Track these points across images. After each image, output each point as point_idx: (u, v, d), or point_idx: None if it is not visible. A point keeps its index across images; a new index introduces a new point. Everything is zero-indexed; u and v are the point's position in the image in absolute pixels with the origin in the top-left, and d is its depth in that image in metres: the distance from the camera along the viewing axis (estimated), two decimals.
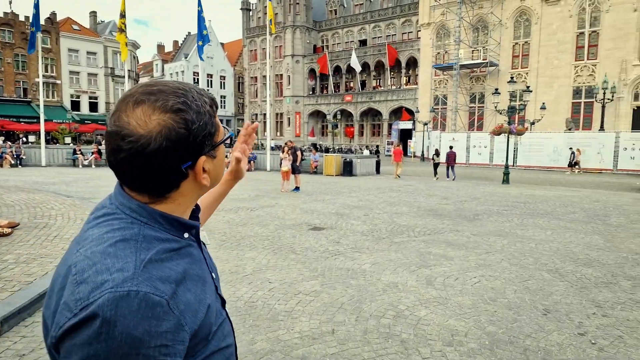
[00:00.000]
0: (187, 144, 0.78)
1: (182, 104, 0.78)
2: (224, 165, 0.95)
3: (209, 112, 0.83)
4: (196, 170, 0.83)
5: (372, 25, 49.83)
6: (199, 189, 0.88)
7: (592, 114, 32.77)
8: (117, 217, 0.80)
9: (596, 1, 32.65)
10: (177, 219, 0.85)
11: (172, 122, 0.77)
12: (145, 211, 0.81)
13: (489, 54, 37.33)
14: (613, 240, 7.90)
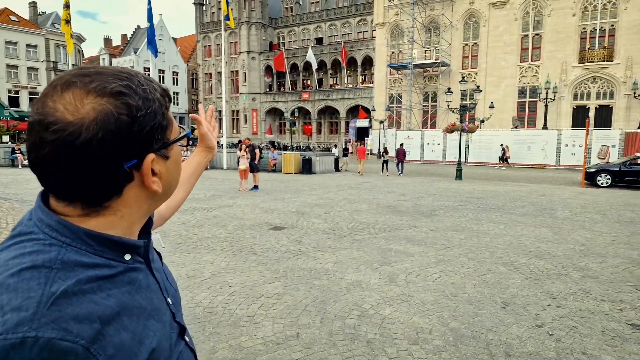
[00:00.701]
0: (130, 136, 0.62)
1: (124, 87, 0.63)
2: (179, 171, 0.78)
3: (159, 100, 0.68)
4: (143, 171, 0.66)
5: (328, 23, 49.99)
6: (148, 197, 0.70)
7: (537, 112, 34.60)
8: (33, 238, 0.63)
9: (539, 5, 34.46)
10: (111, 238, 0.66)
11: (110, 107, 0.61)
12: (68, 229, 0.64)
13: (441, 54, 38.48)
14: (560, 232, 8.31)
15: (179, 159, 0.76)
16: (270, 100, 52.88)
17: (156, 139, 0.67)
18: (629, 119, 30.69)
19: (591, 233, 8.26)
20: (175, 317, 0.77)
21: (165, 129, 0.69)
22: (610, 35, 32.09)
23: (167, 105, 0.71)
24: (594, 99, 32.89)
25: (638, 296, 4.93)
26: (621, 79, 31.36)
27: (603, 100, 32.56)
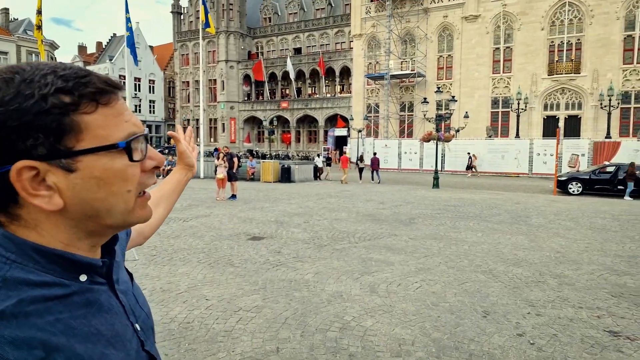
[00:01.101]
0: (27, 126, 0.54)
1: (2, 80, 0.56)
2: (122, 192, 0.63)
3: (44, 96, 0.56)
4: (12, 180, 0.55)
5: (307, 34, 50.28)
6: (61, 214, 0.59)
7: (509, 122, 35.50)
8: None
9: (509, 19, 35.56)
10: (62, 255, 0.59)
11: None
12: (13, 243, 0.57)
13: (417, 65, 39.16)
14: (536, 240, 8.44)
15: (109, 175, 0.61)
16: (248, 108, 52.64)
17: (33, 143, 0.55)
18: (597, 129, 31.82)
19: (565, 240, 8.42)
20: (143, 346, 0.68)
21: (59, 133, 0.56)
22: (577, 49, 33.34)
23: (69, 105, 0.57)
24: (563, 109, 34.00)
25: (614, 303, 5.01)
26: (588, 91, 32.55)
27: (572, 110, 33.70)
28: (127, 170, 0.62)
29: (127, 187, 0.63)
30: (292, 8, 52.26)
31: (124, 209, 0.63)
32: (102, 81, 0.61)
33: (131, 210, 0.64)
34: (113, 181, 0.61)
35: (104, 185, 0.61)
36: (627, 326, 4.34)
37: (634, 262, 6.81)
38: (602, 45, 32.16)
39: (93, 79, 0.61)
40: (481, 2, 36.30)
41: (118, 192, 0.62)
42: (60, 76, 0.58)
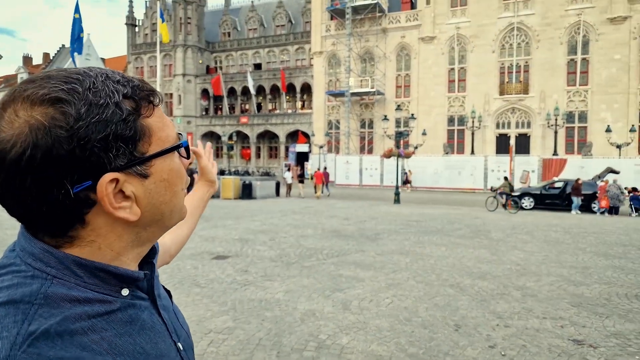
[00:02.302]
0: (70, 153, 0.50)
1: (65, 91, 0.52)
2: (179, 190, 0.62)
3: (118, 104, 0.54)
4: (99, 196, 0.53)
5: (267, 50, 50.47)
6: (128, 225, 0.58)
7: (464, 139, 36.98)
8: (12, 270, 0.54)
9: (462, 42, 37.36)
10: (104, 268, 0.56)
11: (41, 119, 0.50)
12: (54, 257, 0.54)
13: (376, 83, 40.17)
14: (497, 253, 8.73)
15: (173, 175, 0.60)
16: (206, 123, 51.80)
17: (113, 154, 0.53)
18: (545, 147, 33.74)
19: (524, 253, 8.76)
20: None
21: (135, 140, 0.55)
22: (525, 71, 35.45)
23: (141, 111, 0.57)
24: (514, 128, 35.86)
25: (575, 312, 5.22)
26: (536, 110, 34.57)
27: (522, 129, 35.61)
28: (182, 169, 0.63)
29: (182, 185, 0.63)
30: (252, 24, 52.40)
31: (180, 207, 0.64)
32: (146, 83, 0.61)
33: (182, 207, 0.65)
34: (176, 181, 0.61)
35: (169, 187, 0.61)
36: (589, 334, 4.53)
37: (588, 273, 7.17)
38: (548, 68, 34.39)
39: (139, 82, 0.60)
40: (437, 24, 37.96)
41: (178, 192, 0.62)
42: (117, 81, 0.57)
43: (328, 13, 42.05)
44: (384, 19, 40.00)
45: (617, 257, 8.51)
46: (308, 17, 47.44)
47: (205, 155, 1.15)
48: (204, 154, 1.14)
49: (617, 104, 32.52)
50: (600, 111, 33.00)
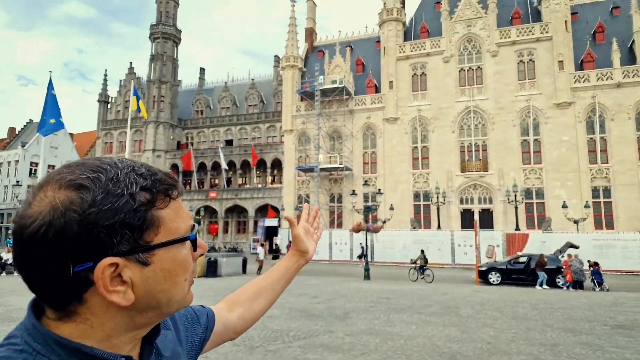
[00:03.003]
0: (78, 235, 0.55)
1: (88, 179, 0.58)
2: (181, 281, 0.65)
3: (133, 195, 0.59)
4: (95, 278, 0.57)
5: (239, 127, 51.95)
6: (121, 308, 0.60)
7: (430, 214, 37.84)
8: (10, 342, 0.59)
9: (424, 123, 39.75)
10: (81, 349, 0.58)
11: (62, 201, 0.57)
12: (40, 334, 0.58)
13: (344, 159, 41.49)
14: (467, 330, 8.57)
15: (176, 266, 0.63)
16: None
17: (119, 240, 0.58)
18: (507, 222, 34.87)
19: (494, 330, 8.64)
20: None
21: (142, 229, 0.60)
22: (484, 150, 37.66)
23: (155, 202, 0.62)
24: (477, 203, 37.17)
25: None
26: (496, 187, 36.21)
27: (484, 204, 36.94)
28: (187, 260, 0.66)
29: (185, 276, 0.66)
30: (224, 103, 54.37)
31: (182, 297, 0.66)
32: (169, 177, 0.66)
33: (184, 297, 0.67)
34: (178, 272, 0.64)
35: (170, 277, 0.63)
36: None
37: (557, 351, 7.09)
38: (504, 147, 36.70)
39: (162, 176, 0.65)
40: (399, 106, 40.51)
41: (179, 282, 0.65)
42: (140, 174, 0.62)
43: (298, 95, 44.32)
44: (351, 101, 42.41)
45: (584, 333, 8.52)
46: (279, 98, 49.80)
47: (307, 221, 1.13)
48: (295, 222, 1.11)
49: (570, 182, 34.58)
50: (554, 188, 34.91)
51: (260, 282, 1.08)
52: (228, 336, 1.00)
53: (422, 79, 40.42)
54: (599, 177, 34.21)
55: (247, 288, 1.09)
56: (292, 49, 45.98)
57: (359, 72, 44.58)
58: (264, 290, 1.07)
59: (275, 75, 54.82)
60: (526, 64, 37.31)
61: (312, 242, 1.17)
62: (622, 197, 33.23)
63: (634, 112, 33.91)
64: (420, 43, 40.64)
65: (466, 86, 38.70)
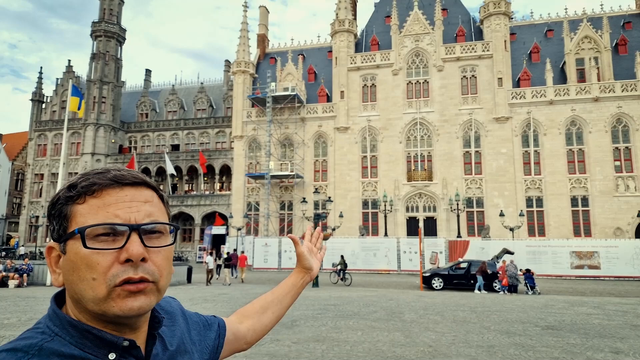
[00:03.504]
0: (49, 215, 0.75)
1: (72, 182, 0.76)
2: (87, 278, 0.69)
3: (63, 192, 0.74)
4: (46, 257, 0.74)
5: (186, 131, 50.45)
6: (69, 295, 0.74)
7: (378, 222, 38.68)
8: (35, 326, 0.71)
9: (373, 133, 40.73)
10: (90, 330, 0.68)
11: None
12: (58, 318, 0.70)
13: (295, 167, 41.51)
14: (410, 335, 8.78)
15: (78, 260, 0.69)
16: None
17: (53, 229, 0.72)
18: (450, 229, 36.35)
19: (435, 334, 8.92)
20: None
21: (60, 220, 0.72)
22: (429, 160, 39.15)
23: (69, 198, 0.72)
24: (422, 211, 38.48)
25: None
26: (440, 196, 37.70)
27: (429, 212, 38.31)
28: (90, 257, 0.68)
29: (91, 275, 0.68)
30: (171, 106, 52.66)
31: (93, 296, 0.69)
32: (108, 177, 0.73)
33: (102, 300, 0.69)
34: (80, 266, 0.69)
35: (74, 270, 0.70)
36: None
37: (493, 352, 7.43)
38: (448, 158, 38.36)
39: (95, 176, 0.73)
40: (350, 116, 41.24)
41: (84, 279, 0.69)
42: (83, 174, 0.75)
43: (249, 100, 43.89)
44: (303, 109, 42.62)
45: (517, 334, 9.01)
46: (229, 103, 49.01)
47: (311, 241, 1.22)
48: (299, 241, 1.21)
49: (507, 192, 36.72)
50: (493, 197, 36.92)
51: (267, 297, 1.16)
52: (240, 346, 1.08)
53: (372, 90, 41.47)
54: (532, 188, 36.61)
55: (255, 303, 1.16)
56: (244, 54, 45.58)
57: (311, 81, 44.96)
58: (271, 304, 1.15)
59: (225, 80, 53.97)
60: (469, 79, 39.37)
61: (315, 260, 1.27)
62: (553, 206, 35.75)
63: (564, 127, 36.73)
64: (371, 55, 41.75)
65: (413, 98, 40.15)
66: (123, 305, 0.69)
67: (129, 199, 0.73)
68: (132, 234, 0.71)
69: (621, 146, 35.55)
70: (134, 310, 0.70)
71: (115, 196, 0.72)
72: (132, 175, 0.76)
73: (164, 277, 0.76)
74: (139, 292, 0.70)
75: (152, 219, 0.75)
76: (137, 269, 0.70)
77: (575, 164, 36.21)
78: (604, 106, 35.99)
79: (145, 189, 0.77)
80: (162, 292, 0.76)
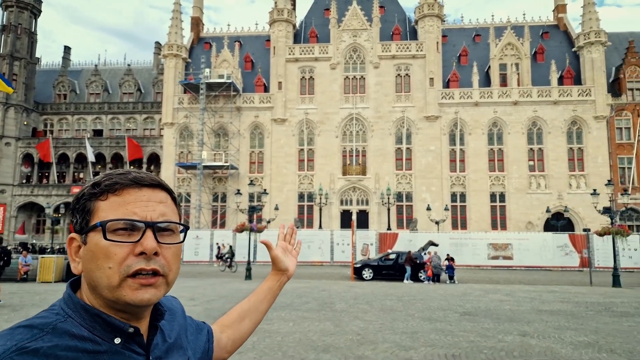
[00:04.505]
0: (74, 209, 0.84)
1: (96, 180, 0.85)
2: (104, 267, 0.78)
3: (83, 190, 0.84)
4: (67, 247, 0.84)
5: (110, 116, 47.17)
6: (85, 282, 0.82)
7: (313, 214, 39.07)
8: (50, 308, 0.79)
9: (311, 126, 40.94)
10: (99, 314, 0.77)
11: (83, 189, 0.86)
12: (72, 301, 0.78)
13: (230, 158, 40.57)
14: (340, 324, 8.98)
15: (97, 250, 0.77)
16: (26, 193, 44.46)
17: (76, 222, 0.81)
18: (381, 222, 37.66)
19: (364, 322, 9.20)
20: None
21: (84, 215, 0.81)
22: (363, 155, 40.16)
23: (93, 195, 0.81)
24: (355, 205, 39.46)
25: None
26: (372, 190, 38.88)
27: (362, 206, 39.39)
28: (109, 249, 0.77)
29: (108, 264, 0.77)
30: (94, 88, 48.89)
31: (107, 284, 0.77)
32: (129, 178, 0.82)
33: (116, 287, 0.77)
34: (98, 256, 0.78)
35: (93, 259, 0.78)
36: None
37: (416, 337, 7.82)
38: (381, 154, 39.60)
39: (117, 177, 0.82)
40: (288, 108, 41.04)
41: (101, 267, 0.77)
42: (106, 174, 0.84)
43: (181, 86, 42.08)
44: (239, 98, 41.67)
45: (439, 320, 9.55)
46: (159, 88, 46.51)
47: (285, 240, 1.25)
48: (273, 246, 1.23)
49: (434, 187, 38.75)
50: (421, 192, 38.79)
51: (244, 305, 1.19)
52: (222, 355, 1.13)
53: (310, 83, 41.57)
54: (457, 184, 38.96)
55: (232, 312, 1.20)
56: (176, 37, 43.51)
57: (248, 69, 44.04)
58: (248, 312, 1.17)
59: (155, 63, 51.11)
60: (403, 77, 40.83)
61: (291, 259, 1.27)
62: (475, 202, 38.33)
63: (487, 128, 39.41)
64: (309, 47, 41.77)
65: (350, 94, 40.85)
66: (134, 296, 0.77)
67: (146, 198, 0.81)
68: (147, 230, 0.79)
69: (535, 147, 38.90)
70: (144, 300, 0.78)
71: (135, 195, 0.81)
72: (150, 177, 0.85)
73: (172, 272, 0.83)
74: (149, 286, 0.78)
75: (165, 218, 0.83)
76: (150, 262, 0.78)
77: (495, 162, 39.05)
78: (522, 110, 39.11)
79: (160, 191, 0.85)
80: (170, 285, 0.83)
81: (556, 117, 38.61)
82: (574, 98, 38.66)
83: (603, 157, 37.82)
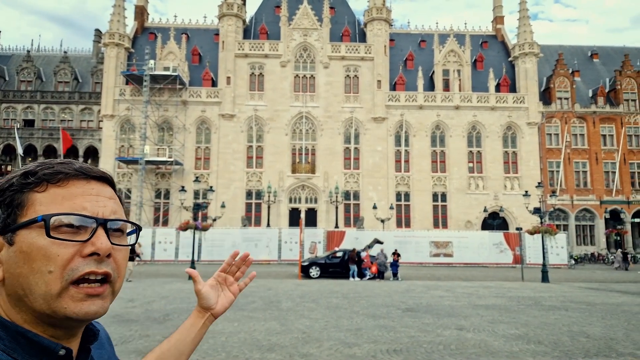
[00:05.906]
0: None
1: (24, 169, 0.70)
2: (42, 270, 0.62)
3: (10, 180, 0.67)
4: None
5: (43, 106, 43.93)
6: (4, 291, 0.65)
7: (261, 212, 38.71)
8: None
9: (260, 123, 40.50)
10: (24, 334, 0.61)
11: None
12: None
13: (174, 153, 39.20)
14: (286, 323, 8.98)
15: (34, 250, 0.62)
16: None
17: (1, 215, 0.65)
18: (329, 220, 38.04)
19: (309, 320, 9.26)
20: None
21: (9, 208, 0.64)
22: (312, 154, 40.35)
23: (21, 184, 0.66)
24: (304, 203, 39.57)
25: None
26: (321, 188, 39.19)
27: (310, 204, 39.57)
28: (50, 248, 0.63)
29: (48, 267, 0.62)
30: (25, 75, 45.31)
31: (45, 291, 0.62)
32: (74, 168, 0.69)
33: (55, 297, 0.63)
34: (34, 257, 0.62)
35: (27, 261, 0.62)
36: None
37: (360, 334, 7.99)
38: (330, 153, 39.98)
39: (59, 166, 0.68)
40: (236, 103, 40.33)
41: (38, 271, 0.62)
42: (42, 163, 0.69)
43: (123, 77, 40.08)
44: (185, 92, 40.37)
45: (382, 317, 9.82)
46: (99, 78, 43.93)
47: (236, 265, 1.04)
48: (198, 277, 1.01)
49: (380, 186, 39.73)
50: (368, 191, 39.65)
51: (163, 346, 0.99)
52: None
53: (260, 80, 41.11)
54: (402, 184, 40.22)
55: (150, 355, 0.99)
56: (119, 25, 41.36)
57: (195, 63, 42.78)
58: (168, 354, 0.96)
59: (95, 51, 48.21)
60: (352, 79, 41.47)
61: (226, 296, 1.05)
62: (418, 201, 39.76)
63: (430, 131, 41.00)
64: (260, 44, 41.29)
65: (300, 92, 40.87)
66: (77, 309, 0.63)
67: (95, 192, 0.69)
68: (98, 228, 0.66)
69: (474, 150, 41.01)
70: (89, 314, 0.64)
71: (82, 188, 0.68)
72: (98, 169, 0.73)
73: (120, 279, 0.71)
74: (96, 296, 0.64)
75: (117, 216, 0.71)
76: (101, 264, 0.65)
77: (437, 163, 40.73)
78: (462, 114, 41.07)
79: (107, 186, 0.74)
80: (115, 295, 0.70)
81: (493, 122, 40.93)
82: (509, 105, 41.18)
83: (534, 161, 40.63)
